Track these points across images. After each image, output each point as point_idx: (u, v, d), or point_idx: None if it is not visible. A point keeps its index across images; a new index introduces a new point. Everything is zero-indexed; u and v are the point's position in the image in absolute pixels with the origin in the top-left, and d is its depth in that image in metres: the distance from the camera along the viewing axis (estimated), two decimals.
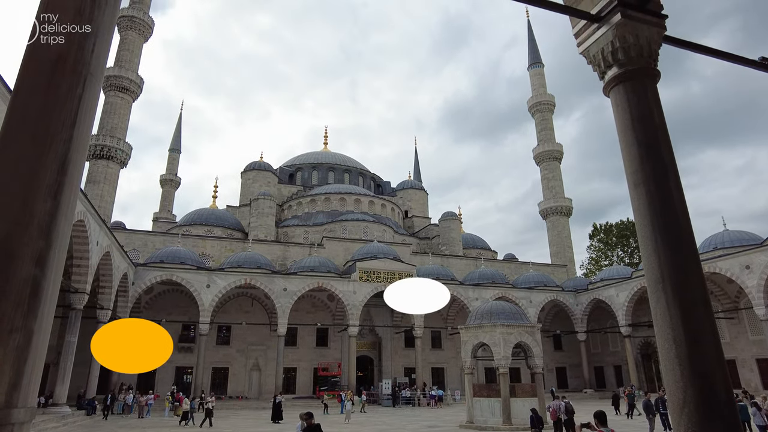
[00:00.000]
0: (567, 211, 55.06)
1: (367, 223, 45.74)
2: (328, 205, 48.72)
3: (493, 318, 20.54)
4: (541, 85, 59.66)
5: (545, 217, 56.28)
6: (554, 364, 43.46)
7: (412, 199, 57.38)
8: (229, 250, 38.74)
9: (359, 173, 59.01)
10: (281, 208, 51.39)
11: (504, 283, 40.33)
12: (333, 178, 56.70)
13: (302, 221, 47.52)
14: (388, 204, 52.06)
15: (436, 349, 40.52)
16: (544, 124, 59.26)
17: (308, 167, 57.28)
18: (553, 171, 57.19)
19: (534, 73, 60.80)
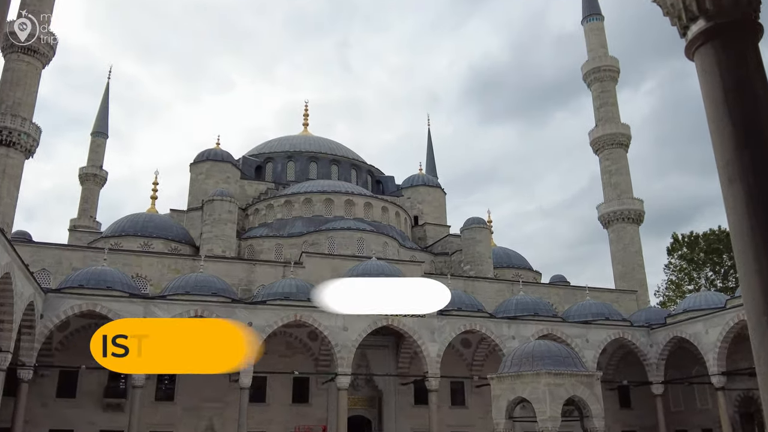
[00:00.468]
0: (636, 216, 55.19)
1: (363, 234, 45.85)
2: (309, 209, 48.90)
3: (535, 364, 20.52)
4: (600, 44, 60.03)
5: (607, 224, 56.34)
6: (620, 426, 43.19)
7: (424, 200, 57.59)
8: (173, 270, 38.80)
9: (351, 165, 59.28)
10: (245, 213, 51.59)
11: (551, 315, 40.30)
12: (316, 171, 56.97)
13: (274, 231, 47.68)
14: (391, 207, 52.22)
15: (458, 407, 40.45)
16: (605, 97, 59.45)
17: (282, 157, 57.59)
18: (617, 162, 57.32)
19: (591, 28, 61.16)
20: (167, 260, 39.44)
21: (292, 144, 59.25)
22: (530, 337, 36.71)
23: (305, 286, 37.06)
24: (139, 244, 42.97)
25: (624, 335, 40.13)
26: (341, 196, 49.29)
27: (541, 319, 39.25)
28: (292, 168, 56.83)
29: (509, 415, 21.02)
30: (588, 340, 38.95)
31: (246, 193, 53.46)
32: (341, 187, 51.07)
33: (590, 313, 41.17)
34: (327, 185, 50.99)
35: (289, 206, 49.35)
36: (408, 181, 59.40)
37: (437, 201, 58.32)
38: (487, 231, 50.57)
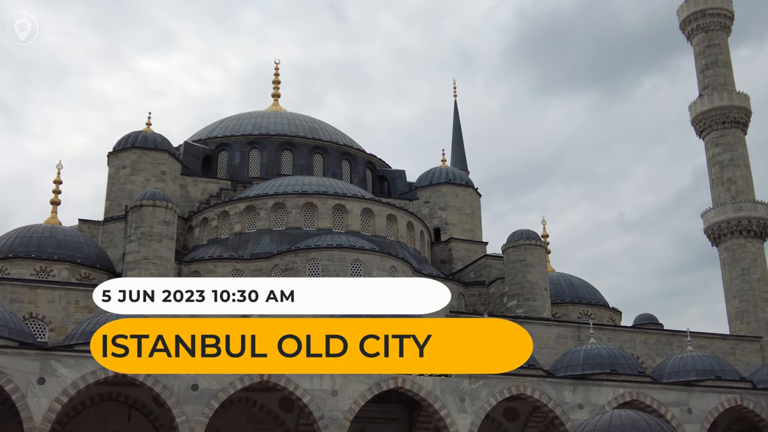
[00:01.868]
0: (761, 228, 55.19)
1: (360, 254, 45.82)
2: (282, 218, 48.90)
3: None
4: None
5: (717, 240, 56.14)
6: None
7: (448, 205, 57.65)
8: (83, 308, 38.76)
9: (343, 155, 59.38)
10: (188, 225, 51.63)
11: (635, 374, 40.12)
12: (291, 164, 57.05)
13: (230, 250, 47.68)
14: (401, 215, 52.17)
15: None
16: (713, 54, 59.50)
17: (242, 143, 57.79)
18: (732, 148, 57.27)
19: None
20: (75, 294, 39.37)
21: (256, 124, 59.43)
22: (605, 405, 36.51)
23: None
24: (33, 270, 42.90)
25: (743, 402, 39.79)
26: (328, 200, 49.26)
27: (622, 380, 38.96)
28: (257, 159, 56.91)
29: None
30: (691, 410, 38.59)
31: (190, 195, 53.52)
32: (328, 186, 51.08)
33: (694, 371, 40.93)
34: (308, 184, 51.00)
35: (252, 214, 49.32)
36: (425, 177, 59.44)
37: (468, 206, 58.33)
38: (542, 250, 50.43)
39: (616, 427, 21.09)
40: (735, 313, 53.72)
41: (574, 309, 52.69)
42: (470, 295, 51.35)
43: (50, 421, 30.89)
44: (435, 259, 55.48)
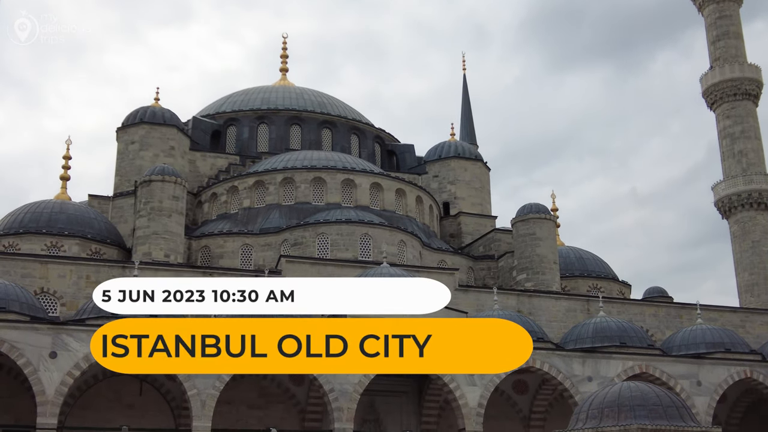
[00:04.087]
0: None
1: (369, 229, 45.88)
2: (291, 193, 48.95)
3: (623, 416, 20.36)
4: None
5: (728, 212, 55.98)
6: None
7: (457, 179, 57.58)
8: (94, 283, 38.81)
9: (352, 129, 59.29)
10: (198, 200, 51.72)
11: (645, 346, 40.14)
12: (299, 138, 57.04)
13: (239, 225, 47.79)
14: (410, 189, 52.12)
15: None
16: (724, 25, 58.96)
17: (250, 118, 57.75)
18: (743, 120, 56.93)
19: None
20: (86, 269, 39.52)
21: (264, 99, 59.33)
22: (615, 378, 36.54)
23: None
24: (44, 245, 43.09)
25: (753, 375, 39.79)
26: (337, 174, 49.28)
27: (632, 353, 38.99)
28: (265, 134, 56.88)
29: None
30: (700, 383, 38.64)
31: (198, 170, 53.60)
32: (337, 160, 51.06)
33: (703, 343, 40.92)
34: (316, 158, 51.00)
35: (260, 189, 49.38)
36: (434, 151, 59.34)
37: (477, 180, 58.23)
38: (551, 224, 50.35)
39: (626, 398, 21.09)
40: (745, 285, 53.68)
41: (583, 282, 52.66)
42: (479, 269, 51.38)
43: (62, 394, 31.16)
44: (444, 233, 55.49)
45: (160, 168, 45.32)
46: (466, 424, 35.32)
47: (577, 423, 21.49)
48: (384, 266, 39.72)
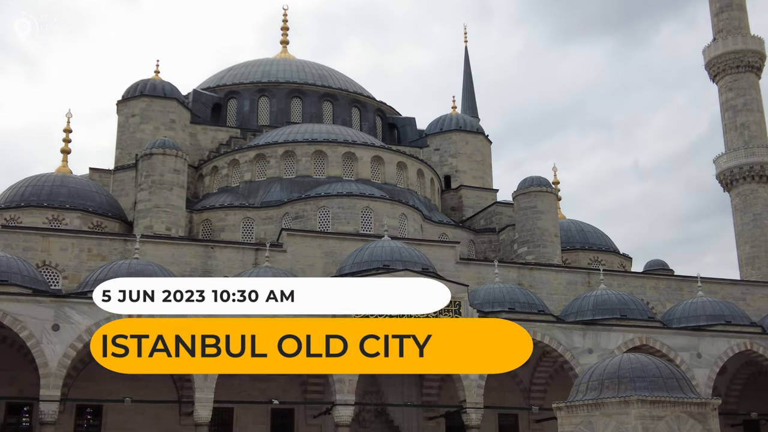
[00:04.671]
0: None
1: (371, 202, 45.87)
2: (292, 166, 48.91)
3: (623, 387, 20.44)
4: None
5: (729, 185, 55.88)
6: None
7: (458, 152, 57.47)
8: (96, 256, 39.01)
9: (353, 102, 59.10)
10: (198, 173, 51.68)
11: (645, 319, 40.25)
12: (300, 111, 56.86)
13: (240, 198, 47.78)
14: (411, 163, 52.05)
15: None
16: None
17: (251, 91, 57.54)
18: (745, 93, 56.64)
19: None
20: (87, 242, 39.54)
21: (265, 71, 59.08)
22: (615, 350, 36.65)
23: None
24: (46, 218, 43.12)
25: (753, 347, 39.92)
26: (338, 147, 49.20)
27: (632, 325, 39.10)
28: (266, 106, 56.72)
29: None
30: (700, 355, 38.77)
31: (199, 143, 53.51)
32: (338, 134, 50.94)
33: (703, 316, 40.99)
34: (317, 131, 50.88)
35: (262, 162, 49.33)
36: (436, 124, 59.18)
37: (479, 153, 58.13)
38: (553, 197, 50.30)
39: (626, 370, 21.14)
40: (746, 258, 53.71)
41: (584, 255, 52.70)
42: (480, 242, 51.40)
43: (65, 367, 31.33)
44: (445, 206, 55.48)
45: (160, 141, 45.26)
46: (467, 396, 35.51)
47: (578, 394, 21.58)
48: (385, 239, 39.74)
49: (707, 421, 20.41)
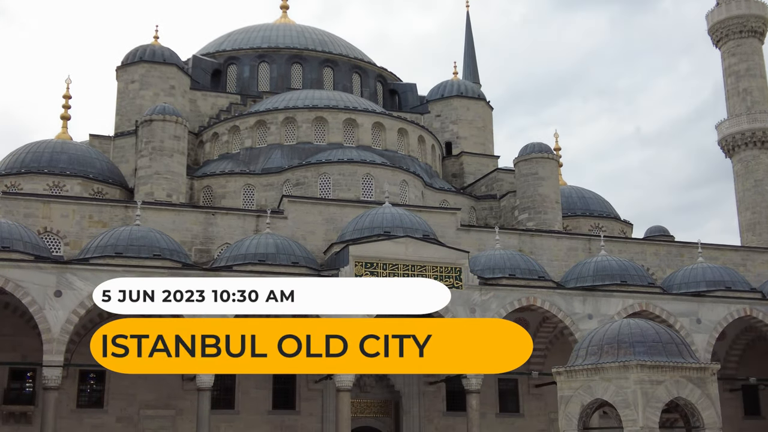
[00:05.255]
0: None
1: (371, 168, 45.88)
2: (293, 133, 48.79)
3: (622, 352, 20.56)
4: None
5: (731, 151, 55.79)
6: None
7: (460, 118, 57.27)
8: (97, 222, 39.05)
9: (354, 69, 58.78)
10: (199, 139, 51.59)
11: (645, 285, 40.41)
12: (300, 78, 56.60)
13: (241, 165, 47.74)
14: (412, 129, 51.90)
15: (509, 415, 41.16)
16: None
17: (251, 57, 57.21)
18: (748, 58, 56.31)
19: None
20: (88, 208, 39.57)
21: (265, 37, 58.66)
22: (615, 316, 36.84)
23: (288, 245, 37.22)
24: (47, 185, 43.13)
25: (752, 313, 40.11)
26: (339, 114, 49.05)
27: (632, 291, 39.28)
28: (266, 73, 56.42)
29: (584, 425, 21.09)
30: (700, 320, 38.99)
31: (199, 110, 53.32)
32: (339, 100, 50.76)
33: (704, 281, 41.10)
34: (318, 98, 50.70)
35: (262, 129, 49.21)
36: (437, 90, 58.92)
37: (480, 120, 57.94)
38: (554, 163, 50.28)
39: (625, 335, 21.21)
40: (747, 224, 53.75)
41: (585, 222, 52.70)
42: (481, 209, 51.43)
43: (68, 332, 31.56)
44: (446, 173, 55.41)
45: (160, 107, 45.10)
46: None
47: (577, 359, 21.69)
48: (386, 206, 39.76)
49: (706, 386, 20.51)
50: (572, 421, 20.94)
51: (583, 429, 21.14)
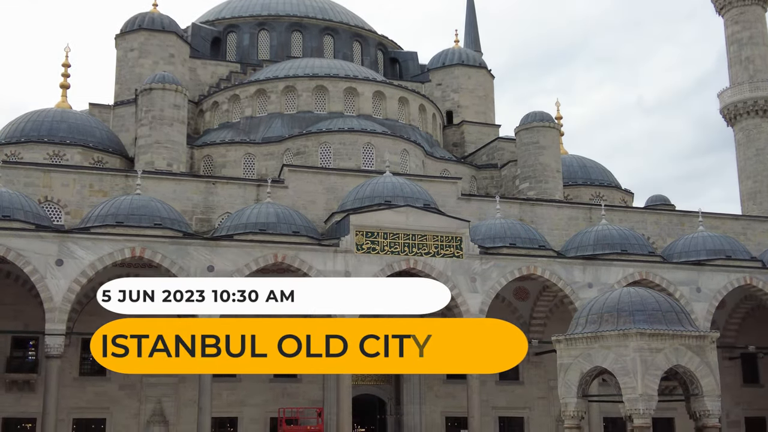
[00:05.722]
0: None
1: (372, 137, 45.80)
2: (293, 102, 48.65)
3: (622, 320, 20.64)
4: None
5: (733, 120, 55.59)
6: (743, 410, 44.08)
7: (461, 87, 57.07)
8: (98, 192, 39.09)
9: (354, 37, 58.44)
10: (199, 108, 51.45)
11: (646, 253, 40.51)
12: (300, 46, 56.32)
13: (241, 134, 47.67)
14: (413, 98, 51.73)
15: (509, 382, 41.48)
16: None
17: (250, 25, 56.90)
18: (751, 26, 55.91)
19: None
20: (89, 177, 39.60)
21: (264, 4, 58.27)
22: (615, 284, 36.95)
23: (289, 214, 37.27)
24: (47, 154, 43.14)
25: (752, 282, 40.27)
26: (339, 82, 48.86)
27: (632, 259, 39.43)
28: (266, 41, 56.15)
29: (583, 392, 21.22)
30: (699, 289, 39.15)
31: (199, 78, 53.13)
32: (339, 68, 50.54)
33: (704, 250, 41.22)
34: (318, 66, 50.47)
35: (262, 98, 49.05)
36: (438, 59, 58.65)
37: (481, 88, 57.73)
38: (555, 132, 50.15)
39: (625, 303, 21.26)
40: (748, 193, 53.73)
41: (586, 191, 52.71)
42: (482, 178, 51.39)
43: (70, 301, 31.76)
44: (447, 142, 55.30)
45: (160, 76, 44.90)
46: None
47: (577, 327, 21.77)
48: (387, 175, 39.72)
49: (705, 354, 20.61)
50: (571, 388, 21.07)
51: (582, 396, 21.28)
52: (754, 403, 44.35)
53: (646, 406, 19.85)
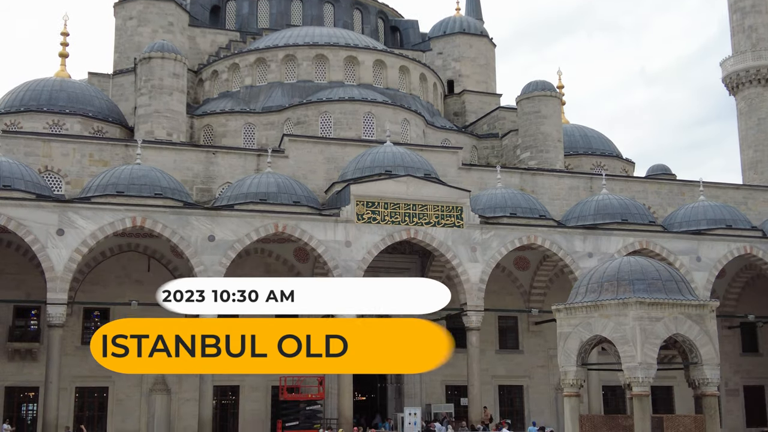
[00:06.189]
0: None
1: (373, 107, 45.65)
2: (293, 71, 48.45)
3: (622, 289, 20.74)
4: None
5: (735, 89, 55.34)
6: (742, 379, 44.48)
7: (462, 56, 56.78)
8: (98, 161, 39.04)
9: (354, 4, 58.09)
10: (198, 77, 51.24)
11: (646, 223, 40.58)
12: (300, 14, 55.95)
13: (241, 104, 47.54)
14: (413, 67, 51.50)
15: (509, 351, 41.78)
16: None
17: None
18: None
19: None
20: (89, 147, 39.55)
21: None
22: (615, 254, 37.00)
23: (289, 184, 37.25)
24: (46, 123, 43.04)
25: (752, 251, 40.37)
26: (340, 51, 48.61)
27: (633, 229, 39.49)
28: (266, 9, 55.78)
29: (582, 361, 21.43)
30: (699, 258, 39.25)
31: (198, 47, 52.84)
32: (340, 37, 50.23)
33: (704, 220, 41.30)
34: (318, 35, 50.16)
35: (262, 67, 48.84)
36: (438, 27, 58.34)
37: (482, 57, 57.43)
38: (556, 101, 49.97)
39: (625, 273, 21.41)
40: (749, 162, 53.64)
41: (587, 160, 52.65)
42: (483, 147, 51.29)
43: (71, 270, 31.88)
44: (448, 111, 55.13)
45: (159, 44, 44.62)
46: (468, 299, 36.12)
47: (577, 296, 21.92)
48: (387, 145, 39.66)
49: (704, 323, 20.78)
50: (571, 357, 21.25)
51: (582, 365, 21.46)
52: (753, 371, 44.74)
53: (645, 374, 20.04)
